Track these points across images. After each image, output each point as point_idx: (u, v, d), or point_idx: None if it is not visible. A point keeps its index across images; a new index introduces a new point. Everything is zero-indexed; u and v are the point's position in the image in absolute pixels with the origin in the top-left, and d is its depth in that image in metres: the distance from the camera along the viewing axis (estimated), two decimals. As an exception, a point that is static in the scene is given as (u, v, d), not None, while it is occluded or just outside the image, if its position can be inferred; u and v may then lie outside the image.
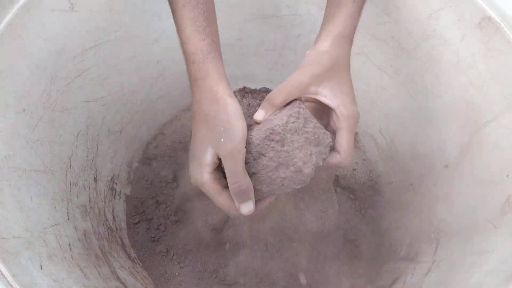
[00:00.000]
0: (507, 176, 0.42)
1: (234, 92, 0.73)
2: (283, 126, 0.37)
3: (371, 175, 0.67)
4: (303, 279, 0.56)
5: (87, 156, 0.53)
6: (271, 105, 0.39)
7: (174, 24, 0.40)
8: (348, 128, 0.40)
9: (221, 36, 0.67)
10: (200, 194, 0.56)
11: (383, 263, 0.56)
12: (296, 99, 0.40)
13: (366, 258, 0.60)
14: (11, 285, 0.32)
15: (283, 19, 0.63)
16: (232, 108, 0.36)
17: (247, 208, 0.36)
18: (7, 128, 0.40)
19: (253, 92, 0.75)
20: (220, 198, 0.37)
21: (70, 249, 0.43)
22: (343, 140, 0.40)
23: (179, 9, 0.38)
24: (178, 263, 0.58)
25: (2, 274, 0.32)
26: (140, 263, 0.58)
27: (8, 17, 0.40)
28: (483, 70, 0.45)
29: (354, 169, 0.68)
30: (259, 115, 0.39)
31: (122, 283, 0.49)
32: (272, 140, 0.37)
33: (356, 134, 0.70)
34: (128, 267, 0.53)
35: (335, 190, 0.64)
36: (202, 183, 0.37)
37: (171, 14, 0.41)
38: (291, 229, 0.57)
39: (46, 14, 0.43)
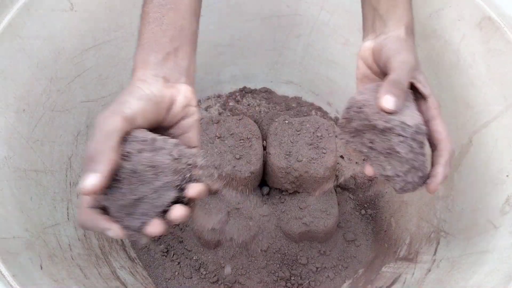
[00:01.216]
0: (507, 176, 0.42)
1: (234, 92, 0.73)
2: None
3: (371, 175, 0.67)
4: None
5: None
6: (403, 91, 0.34)
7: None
8: (441, 116, 0.36)
9: (221, 36, 0.67)
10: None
11: (383, 263, 0.56)
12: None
13: (366, 258, 0.60)
14: (11, 285, 0.32)
15: (283, 19, 0.63)
16: (132, 89, 0.32)
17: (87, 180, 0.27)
18: (7, 128, 0.40)
19: (253, 92, 0.75)
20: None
21: (70, 249, 0.43)
22: (442, 128, 0.36)
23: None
24: (178, 263, 0.58)
25: (2, 274, 0.32)
26: (140, 263, 0.58)
27: (8, 17, 0.40)
28: (483, 70, 0.45)
29: (354, 169, 0.68)
30: (390, 102, 0.33)
31: (122, 283, 0.49)
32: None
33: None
34: (128, 267, 0.53)
35: (335, 190, 0.64)
36: (108, 130, 0.29)
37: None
38: (291, 229, 0.57)
39: (46, 14, 0.43)
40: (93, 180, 0.26)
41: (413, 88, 0.36)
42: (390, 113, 0.33)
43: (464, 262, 0.42)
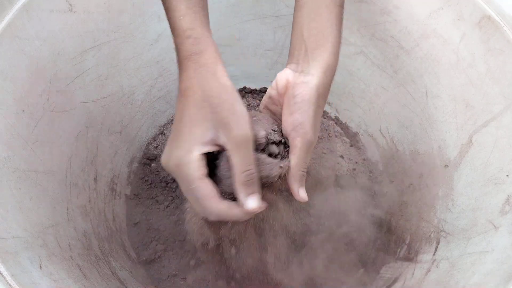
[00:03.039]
0: (507, 176, 0.42)
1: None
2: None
3: (371, 175, 0.67)
4: None
5: (87, 157, 0.53)
6: (304, 175, 0.39)
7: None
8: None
9: (221, 36, 0.67)
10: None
11: (383, 263, 0.56)
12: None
13: (366, 258, 0.60)
14: (10, 285, 0.32)
15: (283, 19, 0.63)
16: (235, 91, 0.33)
17: (255, 202, 0.33)
18: (7, 129, 0.40)
19: (253, 92, 0.75)
20: (198, 183, 0.33)
21: (70, 249, 0.43)
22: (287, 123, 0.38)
23: None
24: (178, 263, 0.58)
25: (1, 274, 0.32)
26: (140, 263, 0.58)
27: (7, 18, 0.40)
28: (483, 69, 0.45)
29: (354, 169, 0.68)
30: (304, 195, 0.39)
31: (122, 283, 0.49)
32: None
33: (356, 134, 0.70)
34: (128, 267, 0.54)
35: (335, 190, 0.64)
36: (184, 163, 0.32)
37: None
38: (291, 229, 0.57)
39: (45, 15, 0.43)
40: (259, 202, 0.34)
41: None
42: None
43: (464, 262, 0.42)
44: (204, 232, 0.45)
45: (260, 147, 0.37)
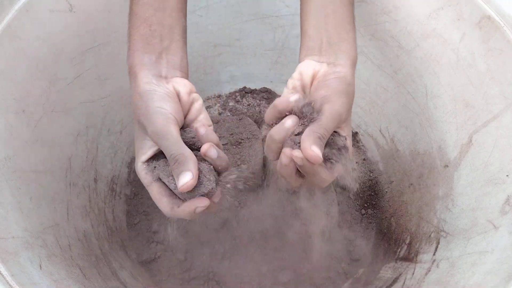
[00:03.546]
0: (507, 176, 0.42)
1: (234, 92, 0.73)
2: None
3: (371, 175, 0.67)
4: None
5: (87, 157, 0.53)
6: (324, 141, 0.36)
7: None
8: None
9: (221, 36, 0.67)
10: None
11: (383, 263, 0.56)
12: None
13: (366, 258, 0.60)
14: (10, 285, 0.32)
15: (283, 19, 0.63)
16: (146, 91, 0.35)
17: (183, 178, 0.32)
18: (7, 129, 0.40)
19: (253, 92, 0.75)
20: (149, 189, 0.35)
21: (70, 249, 0.43)
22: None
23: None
24: (178, 263, 0.58)
25: (1, 273, 0.32)
26: (140, 263, 0.58)
27: (7, 18, 0.40)
28: (483, 69, 0.45)
29: (354, 169, 0.68)
30: (317, 152, 0.33)
31: (122, 283, 0.49)
32: None
33: (356, 134, 0.70)
34: (128, 268, 0.54)
35: (335, 190, 0.64)
36: (138, 174, 0.36)
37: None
38: (291, 229, 0.57)
39: (45, 15, 0.43)
40: (189, 177, 0.32)
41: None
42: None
43: (464, 262, 0.42)
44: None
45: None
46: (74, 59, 0.48)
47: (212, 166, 0.35)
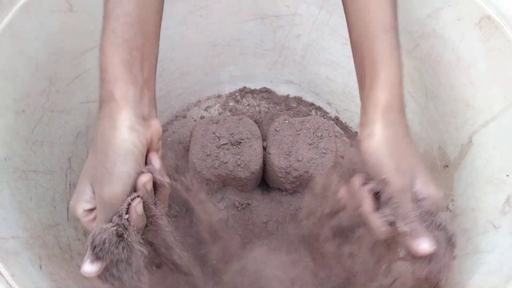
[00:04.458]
0: (507, 176, 0.42)
1: (234, 92, 0.73)
2: None
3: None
4: None
5: (87, 157, 0.53)
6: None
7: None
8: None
9: (221, 36, 0.67)
10: (199, 194, 0.56)
11: (383, 263, 0.56)
12: None
13: (365, 258, 0.60)
14: (10, 285, 0.32)
15: (283, 19, 0.63)
16: (125, 146, 0.30)
17: (86, 267, 0.29)
18: (7, 129, 0.40)
19: (253, 92, 0.75)
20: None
21: (70, 249, 0.43)
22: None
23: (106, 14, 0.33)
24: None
25: (1, 274, 0.32)
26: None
27: (7, 18, 0.40)
28: (483, 69, 0.45)
29: (354, 169, 0.68)
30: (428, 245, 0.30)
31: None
32: None
33: (356, 134, 0.70)
34: (128, 267, 0.53)
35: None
36: (76, 217, 0.32)
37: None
38: (291, 229, 0.57)
39: (45, 15, 0.43)
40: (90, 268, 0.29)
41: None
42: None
43: (464, 262, 0.42)
44: None
45: None
46: (74, 59, 0.48)
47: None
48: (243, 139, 0.57)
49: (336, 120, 0.71)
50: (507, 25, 0.42)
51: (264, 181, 0.62)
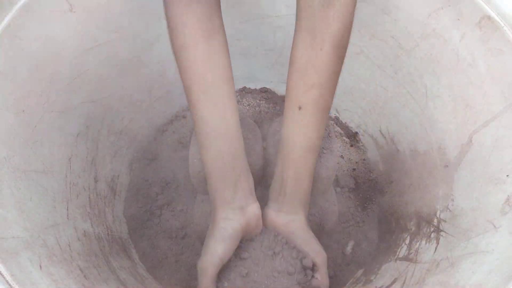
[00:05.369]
0: (507, 176, 0.42)
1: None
2: None
3: (371, 175, 0.67)
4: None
5: (87, 157, 0.53)
6: None
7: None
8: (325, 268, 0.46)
9: (221, 36, 0.67)
10: (201, 194, 0.56)
11: (383, 263, 0.56)
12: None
13: (365, 258, 0.60)
14: (10, 285, 0.32)
15: (283, 19, 0.63)
16: (217, 231, 0.41)
17: None
18: (7, 129, 0.40)
19: (253, 92, 0.75)
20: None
21: (70, 249, 0.43)
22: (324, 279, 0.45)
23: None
24: (177, 261, 0.58)
25: (1, 274, 0.32)
26: (140, 263, 0.58)
27: (7, 18, 0.40)
28: (483, 69, 0.45)
29: (354, 169, 0.68)
30: None
31: (122, 283, 0.49)
32: None
33: (356, 134, 0.70)
34: (128, 267, 0.53)
35: (335, 190, 0.64)
36: (202, 274, 0.41)
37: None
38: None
39: (45, 15, 0.43)
40: None
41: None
42: None
43: (464, 262, 0.42)
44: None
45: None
46: (74, 59, 0.48)
47: None
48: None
49: (336, 120, 0.71)
50: (507, 25, 0.42)
51: (264, 181, 0.62)
